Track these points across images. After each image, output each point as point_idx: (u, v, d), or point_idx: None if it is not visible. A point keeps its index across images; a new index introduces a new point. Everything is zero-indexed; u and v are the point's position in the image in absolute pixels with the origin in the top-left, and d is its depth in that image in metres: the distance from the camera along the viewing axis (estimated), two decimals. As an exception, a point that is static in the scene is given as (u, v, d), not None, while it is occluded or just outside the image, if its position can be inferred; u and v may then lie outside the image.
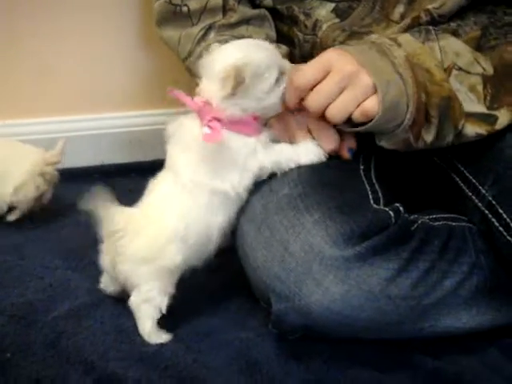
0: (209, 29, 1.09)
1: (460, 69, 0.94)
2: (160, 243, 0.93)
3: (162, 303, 0.95)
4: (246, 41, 0.98)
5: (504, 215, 0.94)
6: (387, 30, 1.01)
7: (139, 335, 0.96)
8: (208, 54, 0.96)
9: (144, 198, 0.98)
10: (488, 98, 0.94)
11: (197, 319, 1.01)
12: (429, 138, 0.93)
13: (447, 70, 0.93)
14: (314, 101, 0.92)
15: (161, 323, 0.96)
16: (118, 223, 0.93)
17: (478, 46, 0.96)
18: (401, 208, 0.95)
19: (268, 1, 1.10)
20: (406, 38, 0.95)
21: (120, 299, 1.00)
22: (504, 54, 0.96)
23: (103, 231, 0.96)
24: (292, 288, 0.90)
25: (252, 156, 0.95)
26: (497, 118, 0.95)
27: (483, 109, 0.94)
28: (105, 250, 0.98)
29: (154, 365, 0.91)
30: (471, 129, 0.94)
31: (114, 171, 1.54)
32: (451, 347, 0.97)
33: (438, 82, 0.92)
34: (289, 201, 0.95)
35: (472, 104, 0.94)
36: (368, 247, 0.90)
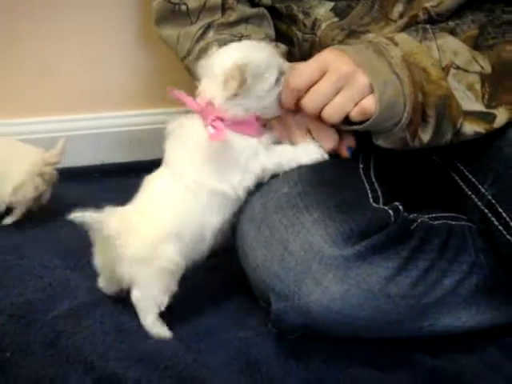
0: (208, 27, 1.09)
1: (458, 67, 0.94)
2: (156, 242, 0.93)
3: (163, 301, 0.95)
4: (246, 42, 0.99)
5: (504, 214, 0.94)
6: (386, 29, 1.01)
7: (139, 335, 0.96)
8: (208, 56, 0.96)
9: (139, 195, 0.97)
10: (486, 97, 0.94)
11: (196, 319, 1.00)
12: (426, 138, 0.93)
13: (445, 69, 0.93)
14: (311, 101, 0.92)
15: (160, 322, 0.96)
16: (111, 227, 0.92)
17: (476, 45, 0.96)
18: (400, 207, 0.95)
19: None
20: (403, 37, 0.95)
21: (120, 299, 1.00)
22: (502, 53, 0.96)
23: (95, 236, 0.95)
24: (291, 287, 0.90)
25: (254, 157, 0.95)
26: (495, 117, 0.95)
27: (481, 107, 0.94)
28: (98, 252, 0.97)
29: (154, 365, 0.91)
30: (469, 127, 0.94)
31: (114, 170, 1.54)
32: (451, 346, 0.97)
33: (435, 81, 0.92)
34: (288, 200, 0.95)
35: (470, 102, 0.94)
36: (367, 246, 0.90)
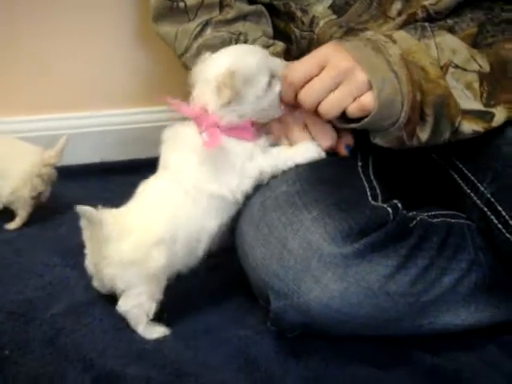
0: (205, 25, 1.09)
1: (456, 66, 0.93)
2: (148, 246, 0.92)
3: (150, 309, 0.94)
4: (236, 47, 0.99)
5: (503, 212, 0.93)
6: (384, 27, 1.01)
7: (137, 332, 0.96)
8: (200, 62, 0.96)
9: (134, 199, 0.97)
10: (484, 96, 0.94)
11: (196, 317, 1.00)
12: (424, 137, 0.92)
13: (444, 68, 0.93)
14: (308, 96, 0.92)
15: (158, 320, 0.97)
16: (108, 226, 0.92)
17: (475, 43, 0.96)
18: (399, 205, 0.94)
19: (265, -3, 1.10)
20: (402, 35, 0.94)
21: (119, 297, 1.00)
22: (501, 52, 0.95)
23: (87, 235, 0.95)
24: (291, 285, 0.90)
25: (250, 161, 0.95)
26: (493, 116, 0.94)
27: (480, 106, 0.94)
28: (89, 254, 0.97)
29: (153, 362, 0.91)
30: (468, 126, 0.94)
31: (114, 168, 1.53)
32: (450, 344, 0.97)
33: (434, 80, 0.91)
34: (287, 198, 0.95)
35: (468, 101, 0.93)
36: (366, 244, 0.89)
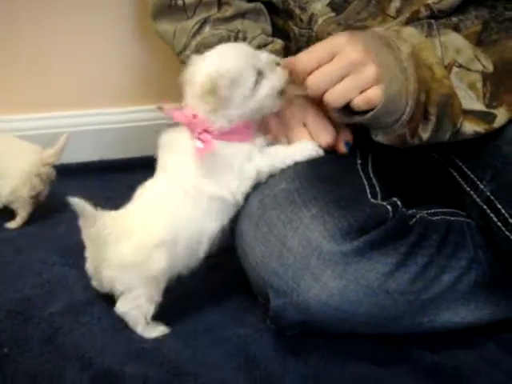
0: (204, 22, 1.08)
1: (460, 66, 0.93)
2: (149, 248, 0.92)
3: (149, 311, 0.94)
4: (220, 48, 0.96)
5: (502, 210, 0.93)
6: (384, 25, 1.00)
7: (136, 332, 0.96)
8: (190, 65, 0.96)
9: (133, 201, 0.97)
10: (487, 96, 0.94)
11: (195, 316, 1.00)
12: (425, 135, 0.92)
13: (448, 67, 0.93)
14: (315, 82, 0.92)
15: (157, 319, 0.96)
16: (107, 228, 0.92)
17: (479, 41, 0.96)
18: (398, 202, 0.94)
19: (263, -6, 1.10)
20: (410, 32, 0.94)
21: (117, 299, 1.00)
22: (505, 53, 0.95)
23: (86, 236, 0.95)
24: (290, 283, 0.90)
25: (248, 161, 0.95)
26: (495, 117, 0.94)
27: (482, 107, 0.94)
28: (90, 256, 0.97)
29: (151, 361, 0.91)
30: (469, 127, 0.94)
31: (113, 167, 1.53)
32: (450, 342, 0.97)
33: (439, 79, 0.91)
34: (286, 196, 0.95)
35: (471, 102, 0.93)
36: (366, 242, 0.89)
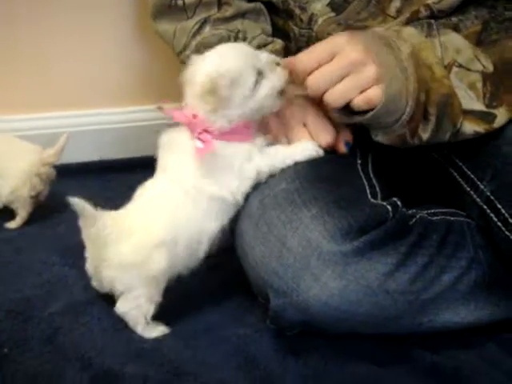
0: (204, 22, 1.08)
1: (460, 66, 0.93)
2: (149, 248, 0.92)
3: (149, 311, 0.94)
4: (219, 48, 0.96)
5: (502, 210, 0.93)
6: (384, 25, 1.00)
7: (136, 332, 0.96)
8: (189, 65, 0.95)
9: (133, 201, 0.97)
10: (487, 96, 0.94)
11: (195, 316, 1.00)
12: (425, 135, 0.92)
13: (448, 67, 0.93)
14: (315, 82, 0.92)
15: (157, 319, 0.96)
16: (106, 228, 0.92)
17: (479, 41, 0.96)
18: (398, 202, 0.94)
19: (263, -6, 1.10)
20: (410, 32, 0.94)
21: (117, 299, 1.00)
22: (504, 53, 0.95)
23: (87, 236, 0.95)
24: (290, 283, 0.90)
25: (248, 161, 0.95)
26: (495, 117, 0.94)
27: (482, 107, 0.94)
28: (90, 257, 0.97)
29: (151, 361, 0.91)
30: (469, 127, 0.94)
31: (113, 167, 1.53)
32: (450, 342, 0.97)
33: (439, 79, 0.91)
34: (286, 196, 0.95)
35: (471, 102, 0.93)
36: (366, 242, 0.89)
